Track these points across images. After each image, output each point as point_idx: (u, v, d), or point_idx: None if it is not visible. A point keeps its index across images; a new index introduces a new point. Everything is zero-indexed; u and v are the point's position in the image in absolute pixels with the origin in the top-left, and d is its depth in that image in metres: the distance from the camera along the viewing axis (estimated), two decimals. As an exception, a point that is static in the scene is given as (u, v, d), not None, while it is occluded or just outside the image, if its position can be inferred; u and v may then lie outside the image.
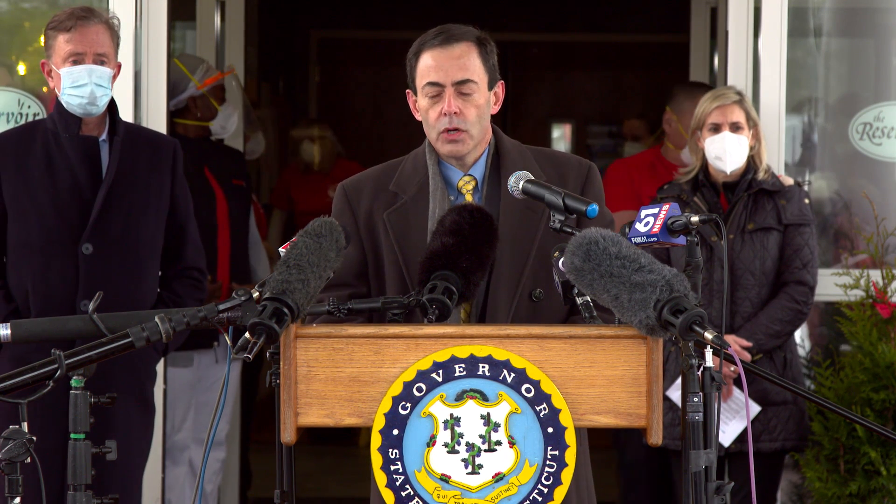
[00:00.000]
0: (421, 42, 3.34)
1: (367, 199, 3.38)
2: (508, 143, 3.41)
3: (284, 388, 2.81)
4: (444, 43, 3.30)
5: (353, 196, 3.39)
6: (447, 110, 3.27)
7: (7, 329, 3.02)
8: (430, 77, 3.29)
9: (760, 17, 5.34)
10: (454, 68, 3.28)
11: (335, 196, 3.43)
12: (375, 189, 3.38)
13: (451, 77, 3.28)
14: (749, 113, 4.96)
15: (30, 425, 2.70)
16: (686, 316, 2.63)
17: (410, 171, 3.39)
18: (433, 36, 3.32)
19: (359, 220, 3.36)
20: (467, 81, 3.28)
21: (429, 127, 3.33)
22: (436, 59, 3.29)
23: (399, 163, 3.44)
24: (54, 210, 4.27)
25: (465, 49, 3.30)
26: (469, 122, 3.29)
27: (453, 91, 3.28)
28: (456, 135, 3.29)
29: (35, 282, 4.25)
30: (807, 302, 4.91)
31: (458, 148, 3.31)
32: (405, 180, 3.37)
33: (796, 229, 4.93)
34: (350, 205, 3.38)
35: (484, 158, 3.37)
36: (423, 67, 3.31)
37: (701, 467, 2.67)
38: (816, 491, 4.89)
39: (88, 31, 4.24)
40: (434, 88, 3.29)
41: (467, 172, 3.35)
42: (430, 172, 3.35)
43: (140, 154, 4.36)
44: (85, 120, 4.30)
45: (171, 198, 4.41)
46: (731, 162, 4.91)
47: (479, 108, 3.30)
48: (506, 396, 2.79)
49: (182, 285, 4.46)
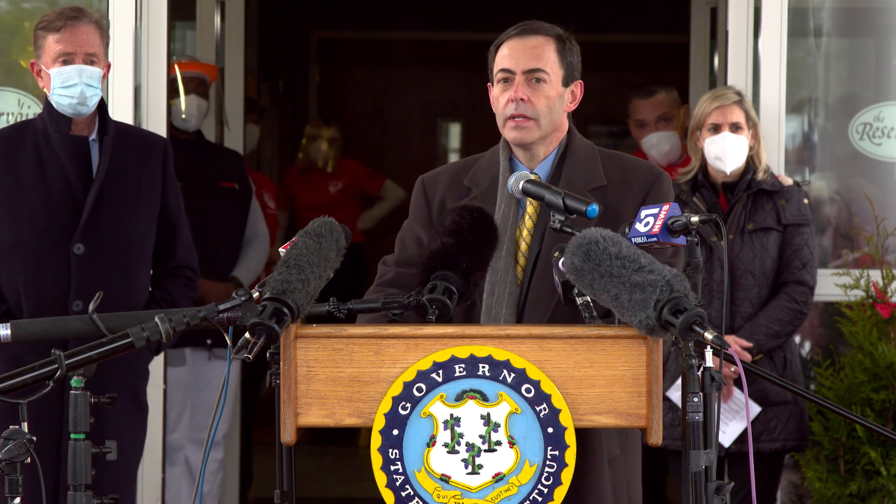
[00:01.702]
0: (502, 36, 3.42)
1: (441, 189, 3.46)
2: (579, 143, 3.44)
3: (284, 388, 2.81)
4: (522, 34, 3.39)
5: (430, 187, 3.47)
6: (514, 96, 3.33)
7: (7, 329, 3.01)
8: (503, 64, 3.36)
9: (760, 17, 5.34)
10: (526, 57, 3.35)
11: (414, 188, 3.51)
12: (450, 182, 3.46)
13: (522, 65, 3.35)
14: (748, 113, 4.97)
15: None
16: (686, 316, 2.63)
17: (485, 166, 3.45)
18: (513, 29, 3.41)
19: (432, 210, 3.44)
20: (538, 70, 3.35)
21: (498, 114, 3.39)
22: (511, 48, 3.37)
23: (477, 158, 3.51)
24: (45, 210, 4.26)
25: (541, 41, 3.38)
26: (537, 110, 3.34)
27: (523, 79, 3.34)
28: (522, 121, 3.34)
29: (27, 282, 4.25)
30: (806, 302, 4.91)
31: (523, 135, 3.35)
32: (479, 175, 3.44)
33: (796, 229, 4.93)
34: (426, 195, 3.47)
35: (552, 156, 3.41)
36: (499, 57, 3.39)
37: (701, 467, 2.67)
38: (816, 491, 4.89)
39: (78, 30, 4.24)
40: (505, 74, 3.36)
41: (533, 170, 3.38)
42: (501, 168, 3.40)
43: (130, 153, 4.36)
44: (75, 120, 4.30)
45: (163, 196, 4.41)
46: (730, 162, 4.91)
47: (549, 99, 3.35)
48: (506, 396, 2.79)
49: (174, 284, 4.46)
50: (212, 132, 6.77)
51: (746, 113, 4.96)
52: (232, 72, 7.22)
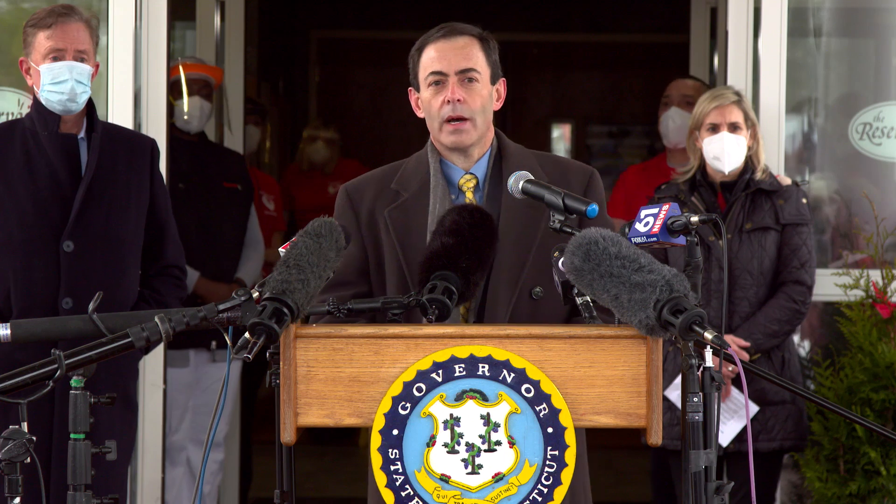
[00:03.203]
0: (424, 39, 3.37)
1: (369, 198, 3.39)
2: (511, 145, 3.42)
3: (284, 388, 2.81)
4: (447, 35, 3.34)
5: (356, 196, 3.40)
6: (451, 97, 3.29)
7: (7, 329, 3.01)
8: (434, 67, 3.31)
9: (760, 17, 5.34)
10: (457, 58, 3.31)
11: (337, 198, 3.44)
12: (377, 188, 3.40)
13: (454, 66, 3.31)
14: (747, 113, 4.96)
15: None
16: (686, 316, 2.63)
17: (412, 170, 3.40)
18: (436, 31, 3.36)
19: (360, 219, 3.37)
20: (470, 70, 3.31)
21: (431, 118, 3.34)
22: (439, 50, 3.32)
23: (402, 163, 3.45)
24: (34, 208, 4.26)
25: (468, 41, 3.34)
26: (474, 110, 3.31)
27: (457, 79, 3.30)
28: (460, 124, 3.30)
29: (16, 280, 4.24)
30: (805, 301, 4.91)
31: (462, 138, 3.32)
32: (407, 179, 3.39)
33: (794, 229, 4.93)
34: (352, 204, 3.39)
35: (486, 157, 3.38)
36: (426, 60, 3.34)
37: (701, 467, 2.67)
38: (816, 491, 4.89)
39: (69, 28, 4.24)
40: (437, 77, 3.31)
41: (469, 171, 3.36)
42: (432, 171, 3.36)
43: (119, 152, 4.36)
44: (63, 118, 4.30)
45: (150, 196, 4.41)
46: (729, 162, 4.91)
47: (482, 97, 3.32)
48: (506, 396, 2.79)
49: (163, 283, 4.45)
50: (212, 132, 6.77)
51: (745, 113, 4.96)
52: (232, 72, 7.22)
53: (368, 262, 3.37)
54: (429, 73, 3.32)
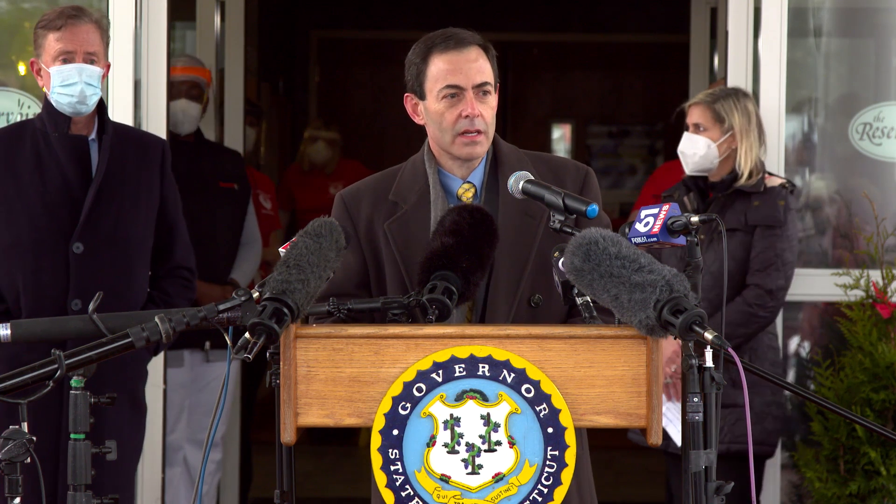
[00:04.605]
0: (427, 46, 3.32)
1: (366, 208, 3.37)
2: (506, 148, 3.41)
3: (284, 388, 2.81)
4: (458, 46, 3.29)
5: (352, 206, 3.38)
6: (471, 113, 3.27)
7: (7, 329, 3.01)
8: (450, 80, 3.28)
9: (760, 17, 5.34)
10: (473, 71, 3.28)
11: (334, 206, 3.42)
12: (374, 198, 3.37)
13: (471, 80, 3.28)
14: (722, 115, 4.91)
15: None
16: (686, 316, 2.63)
17: (409, 180, 3.37)
18: (442, 39, 3.31)
19: (359, 230, 3.35)
20: (486, 84, 3.30)
21: (442, 130, 3.31)
22: (451, 62, 3.29)
23: (397, 171, 3.42)
24: (44, 209, 4.26)
25: (477, 52, 3.31)
26: (487, 123, 3.31)
27: (473, 94, 3.28)
28: (475, 136, 3.29)
29: (26, 281, 4.25)
30: (763, 305, 4.84)
31: (477, 150, 3.31)
32: (405, 189, 3.36)
33: (763, 231, 4.88)
34: (349, 215, 3.37)
35: (482, 165, 3.36)
36: (437, 71, 3.29)
37: (701, 467, 2.67)
38: (816, 491, 4.89)
39: (79, 29, 4.24)
40: (453, 90, 3.28)
41: (466, 179, 3.35)
42: (431, 182, 3.34)
43: (129, 153, 4.36)
44: (74, 119, 4.30)
45: (161, 197, 4.41)
46: (688, 162, 4.93)
47: (493, 109, 3.32)
48: (506, 396, 2.79)
49: (172, 284, 4.45)
50: (212, 132, 6.77)
51: (716, 114, 4.92)
52: (232, 72, 7.22)
53: (367, 273, 3.36)
54: (444, 85, 3.28)
